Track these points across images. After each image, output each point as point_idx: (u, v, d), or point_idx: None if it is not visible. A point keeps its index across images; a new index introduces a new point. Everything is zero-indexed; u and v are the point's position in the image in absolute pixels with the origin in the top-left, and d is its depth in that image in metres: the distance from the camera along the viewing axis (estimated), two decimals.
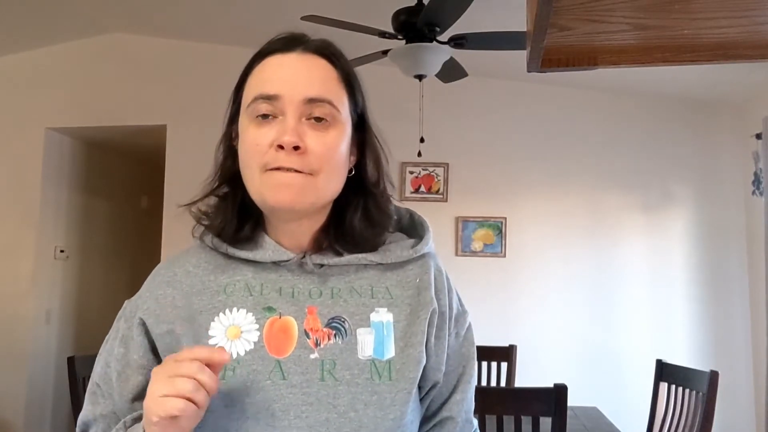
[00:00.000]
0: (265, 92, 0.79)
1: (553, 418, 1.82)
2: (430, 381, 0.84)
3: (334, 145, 0.79)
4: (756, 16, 0.65)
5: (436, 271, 0.87)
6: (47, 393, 4.13)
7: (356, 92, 0.84)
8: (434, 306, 0.83)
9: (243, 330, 0.78)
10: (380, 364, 0.78)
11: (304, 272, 0.83)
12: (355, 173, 0.86)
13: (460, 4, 2.29)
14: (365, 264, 0.84)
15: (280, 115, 0.78)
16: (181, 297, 0.82)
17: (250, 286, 0.81)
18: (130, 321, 0.84)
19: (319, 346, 0.78)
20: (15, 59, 4.14)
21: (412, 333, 0.81)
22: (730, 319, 3.75)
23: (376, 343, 0.79)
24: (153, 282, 0.86)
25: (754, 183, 3.57)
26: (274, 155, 0.77)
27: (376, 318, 0.80)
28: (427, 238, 0.88)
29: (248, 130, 0.80)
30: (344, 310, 0.80)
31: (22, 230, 4.05)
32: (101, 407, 0.83)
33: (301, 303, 0.80)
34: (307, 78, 0.80)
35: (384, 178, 0.88)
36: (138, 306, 0.84)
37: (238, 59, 0.83)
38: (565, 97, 3.95)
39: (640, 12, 0.63)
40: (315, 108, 0.79)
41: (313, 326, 0.79)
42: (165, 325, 0.80)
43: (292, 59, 0.81)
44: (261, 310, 0.79)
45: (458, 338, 0.88)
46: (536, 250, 3.87)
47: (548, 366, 3.67)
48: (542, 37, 0.63)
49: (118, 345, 0.84)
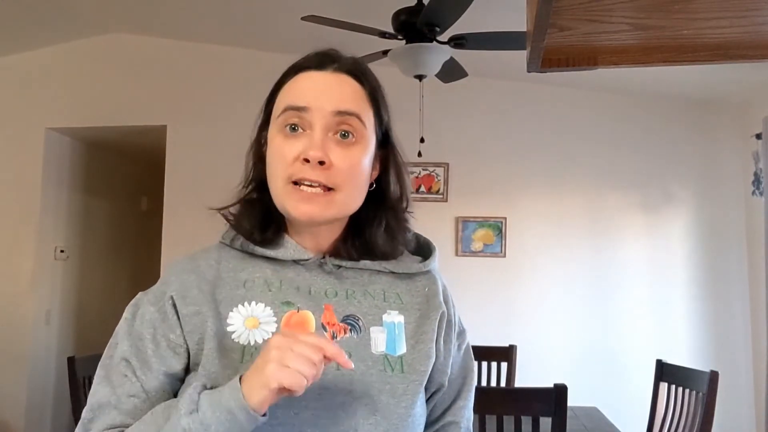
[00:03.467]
0: (295, 104, 0.82)
1: (553, 418, 1.82)
2: (435, 383, 0.88)
3: (357, 161, 0.83)
4: (756, 17, 0.65)
5: (442, 286, 0.93)
6: (47, 393, 4.13)
7: (382, 109, 0.88)
8: (443, 310, 0.88)
9: (261, 321, 0.81)
10: (392, 359, 0.82)
11: (323, 272, 0.86)
12: (377, 187, 0.89)
13: (460, 4, 2.29)
14: (379, 270, 0.89)
15: (308, 128, 0.82)
16: (206, 285, 0.84)
17: (269, 282, 0.84)
18: (159, 303, 0.83)
19: (336, 339, 0.81)
20: (15, 59, 4.14)
21: (422, 332, 0.85)
22: (730, 319, 3.75)
23: (388, 340, 0.83)
24: (175, 270, 0.87)
25: (754, 183, 3.57)
26: (299, 168, 0.80)
27: (388, 319, 0.85)
28: (434, 255, 0.94)
29: (276, 141, 0.83)
30: (358, 309, 0.84)
31: (22, 230, 4.05)
32: (126, 387, 0.79)
33: (318, 300, 0.84)
34: (337, 93, 0.83)
35: (406, 193, 0.92)
36: (164, 291, 0.84)
37: (238, 59, 0.83)
38: (565, 97, 3.95)
39: (640, 12, 0.63)
40: (342, 122, 0.82)
41: (330, 320, 0.83)
42: (192, 306, 0.82)
43: (323, 76, 0.85)
44: (279, 305, 0.83)
45: (460, 350, 0.93)
46: (536, 250, 3.87)
47: (548, 366, 3.67)
48: (542, 37, 0.63)
49: (147, 326, 0.82)
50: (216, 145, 3.97)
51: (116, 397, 0.79)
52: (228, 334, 0.80)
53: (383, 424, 0.79)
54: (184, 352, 0.81)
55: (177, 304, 0.82)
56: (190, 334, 0.81)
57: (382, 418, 0.79)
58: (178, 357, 0.81)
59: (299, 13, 2.50)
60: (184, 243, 3.89)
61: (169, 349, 0.80)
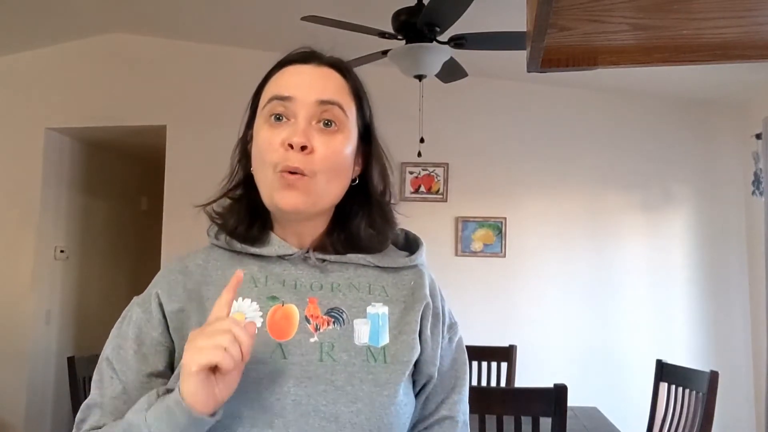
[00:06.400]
0: (280, 93, 0.85)
1: (553, 418, 1.82)
2: (424, 375, 0.88)
3: (339, 149, 0.85)
4: (756, 16, 0.65)
5: (429, 279, 0.94)
6: (47, 393, 4.13)
7: (364, 104, 0.91)
8: (428, 301, 0.90)
9: (247, 316, 0.83)
10: (375, 349, 0.84)
11: (307, 266, 0.88)
12: (360, 183, 0.92)
13: (460, 4, 2.29)
14: (364, 264, 0.90)
15: (292, 117, 0.85)
16: (192, 283, 0.87)
17: (255, 279, 0.87)
18: (146, 304, 0.87)
19: (319, 330, 0.84)
20: (15, 59, 4.14)
21: (405, 322, 0.87)
22: (730, 319, 3.75)
23: (371, 332, 0.85)
24: (164, 272, 0.91)
25: (754, 183, 3.57)
26: (283, 154, 0.83)
27: (373, 311, 0.87)
28: (421, 249, 0.95)
29: (262, 130, 0.86)
30: (342, 302, 0.86)
31: (22, 230, 4.06)
32: (110, 389, 0.83)
33: (303, 293, 0.86)
34: (321, 84, 0.87)
35: (389, 188, 0.94)
36: (151, 292, 0.88)
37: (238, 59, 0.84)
38: (565, 97, 3.95)
39: (640, 12, 0.63)
40: (325, 110, 0.85)
41: (314, 313, 0.85)
42: (177, 304, 0.85)
43: (307, 68, 0.88)
44: (265, 300, 0.85)
45: (451, 344, 0.93)
46: (536, 250, 3.87)
47: (548, 366, 3.67)
48: (542, 37, 0.63)
49: (133, 327, 0.86)
50: (216, 145, 3.95)
51: (101, 399, 0.83)
52: None
53: (365, 412, 0.80)
54: (166, 350, 0.84)
55: (162, 301, 0.85)
56: (175, 330, 0.84)
57: (363, 406, 0.80)
58: (159, 356, 0.84)
59: (299, 13, 2.50)
60: (184, 243, 3.88)
61: (151, 348, 0.84)
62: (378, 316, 0.86)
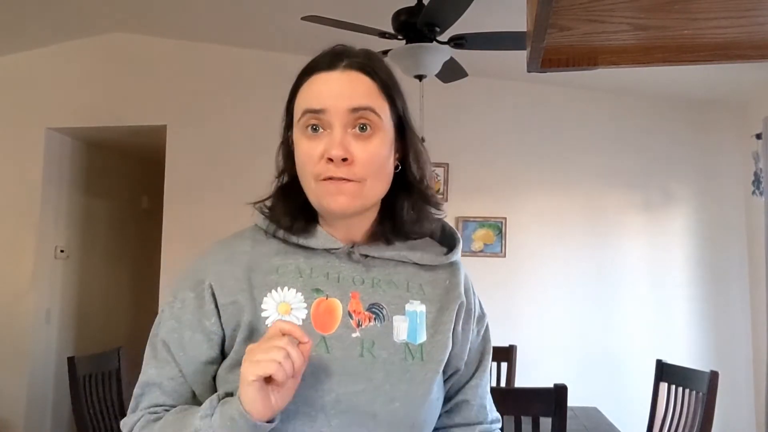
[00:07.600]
0: (312, 107, 0.87)
1: (553, 418, 1.82)
2: (452, 367, 0.94)
3: (377, 152, 0.88)
4: (756, 16, 0.65)
5: (465, 276, 0.99)
6: (47, 393, 4.13)
7: (396, 99, 0.92)
8: (462, 300, 0.95)
9: (293, 307, 0.87)
10: (413, 347, 0.88)
11: (351, 261, 0.91)
12: (401, 170, 0.94)
13: (460, 5, 2.29)
14: (404, 261, 0.94)
15: (327, 128, 0.87)
16: (240, 272, 0.89)
17: (300, 269, 0.90)
18: (198, 289, 0.89)
19: (361, 326, 0.87)
20: (15, 59, 4.14)
21: (441, 322, 0.91)
22: (730, 319, 3.75)
23: (409, 329, 0.89)
24: (210, 259, 0.92)
25: (754, 183, 3.57)
26: (325, 167, 0.85)
27: (411, 308, 0.90)
28: (458, 248, 0.98)
29: (301, 142, 0.88)
30: (382, 298, 0.90)
31: (22, 230, 4.05)
32: (168, 370, 0.88)
33: (346, 288, 0.89)
34: (350, 91, 0.88)
35: (427, 175, 0.97)
36: (203, 279, 0.90)
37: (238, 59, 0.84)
38: (565, 97, 3.95)
39: (640, 12, 0.64)
40: (359, 117, 0.87)
41: (356, 309, 0.88)
42: (229, 297, 0.88)
43: (336, 76, 0.89)
44: (309, 291, 0.88)
45: (479, 336, 1.00)
46: (536, 250, 3.87)
47: (548, 366, 3.67)
48: (542, 37, 0.63)
49: (187, 312, 0.89)
50: (216, 144, 3.97)
51: (160, 378, 0.88)
52: (262, 319, 0.86)
53: (401, 410, 0.84)
54: (219, 338, 0.88)
55: (216, 293, 0.88)
56: (227, 322, 0.87)
57: (400, 405, 0.84)
58: (211, 343, 0.87)
59: (299, 13, 2.50)
60: (184, 242, 3.90)
61: (204, 335, 0.87)
62: (416, 313, 0.90)
